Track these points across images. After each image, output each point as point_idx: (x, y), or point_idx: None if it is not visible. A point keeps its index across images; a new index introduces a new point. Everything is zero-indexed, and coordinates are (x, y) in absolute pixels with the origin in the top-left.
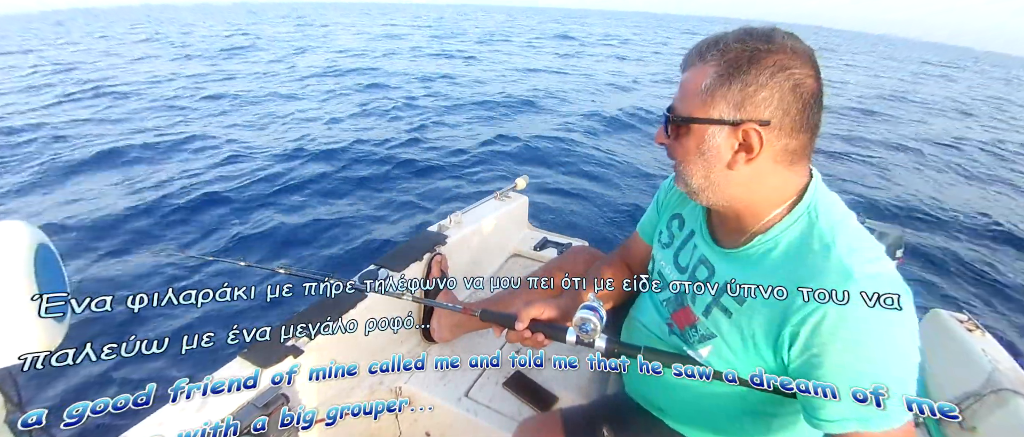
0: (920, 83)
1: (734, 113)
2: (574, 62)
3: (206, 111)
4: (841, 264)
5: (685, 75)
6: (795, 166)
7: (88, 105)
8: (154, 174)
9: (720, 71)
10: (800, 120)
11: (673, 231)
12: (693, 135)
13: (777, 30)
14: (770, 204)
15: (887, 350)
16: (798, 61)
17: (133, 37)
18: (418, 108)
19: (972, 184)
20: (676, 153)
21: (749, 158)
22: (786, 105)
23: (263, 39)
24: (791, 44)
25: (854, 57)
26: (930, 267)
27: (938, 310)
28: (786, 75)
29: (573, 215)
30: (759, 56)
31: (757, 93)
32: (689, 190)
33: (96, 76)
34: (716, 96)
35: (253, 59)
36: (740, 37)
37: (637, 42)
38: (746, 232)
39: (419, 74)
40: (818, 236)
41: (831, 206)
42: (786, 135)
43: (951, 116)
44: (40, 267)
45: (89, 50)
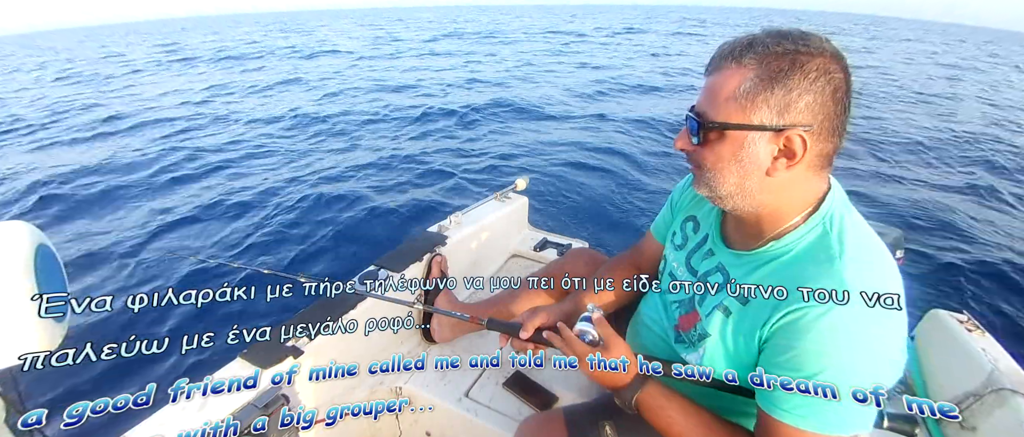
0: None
1: (778, 119)
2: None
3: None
4: (839, 276)
5: (714, 78)
6: (824, 170)
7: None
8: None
9: (761, 75)
10: (837, 124)
11: (687, 233)
12: (729, 141)
13: (811, 33)
14: (793, 210)
15: (858, 356)
16: (836, 64)
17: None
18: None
19: (974, 180)
20: (706, 159)
21: (790, 164)
22: (827, 109)
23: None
24: (829, 47)
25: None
26: (930, 267)
27: (938, 310)
28: (828, 79)
29: (574, 215)
30: (802, 60)
31: (801, 98)
32: (715, 196)
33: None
34: (757, 101)
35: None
36: (777, 39)
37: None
38: (763, 237)
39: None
40: (827, 247)
41: (847, 219)
42: (824, 139)
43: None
44: (40, 267)
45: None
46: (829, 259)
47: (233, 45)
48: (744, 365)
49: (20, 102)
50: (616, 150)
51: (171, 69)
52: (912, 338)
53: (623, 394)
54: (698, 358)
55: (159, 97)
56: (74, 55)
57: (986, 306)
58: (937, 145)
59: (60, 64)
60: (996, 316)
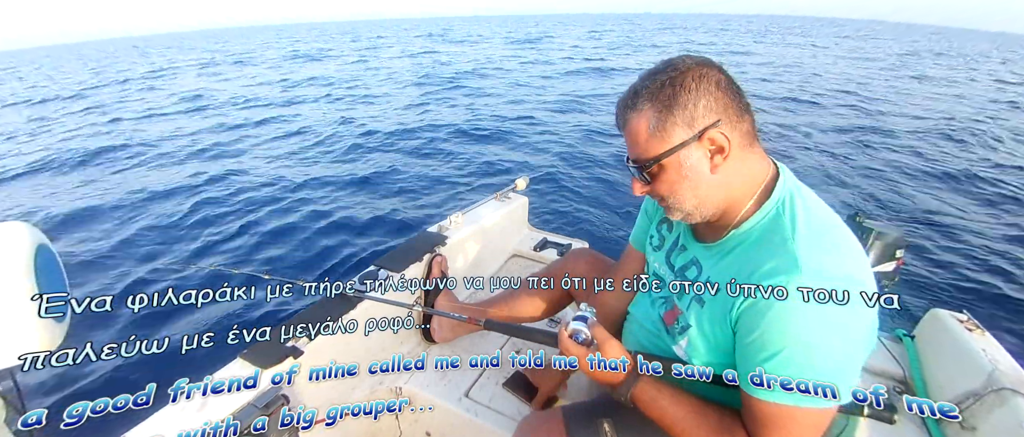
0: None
1: (690, 130)
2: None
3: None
4: (793, 256)
5: (627, 129)
6: (754, 147)
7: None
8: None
9: (657, 108)
10: (737, 106)
11: (663, 234)
12: (668, 168)
13: (673, 57)
14: (745, 194)
15: (816, 329)
16: (705, 67)
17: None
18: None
19: (975, 181)
20: (661, 190)
21: (725, 156)
22: (721, 100)
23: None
24: (691, 60)
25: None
26: (931, 267)
27: (938, 310)
28: (706, 80)
29: (575, 215)
30: (678, 79)
31: (697, 105)
32: (684, 215)
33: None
34: (668, 127)
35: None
36: (652, 77)
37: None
38: (726, 227)
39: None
40: (780, 229)
41: (797, 199)
42: (736, 121)
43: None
44: (40, 267)
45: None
46: (783, 239)
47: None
48: (724, 351)
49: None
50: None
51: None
52: (912, 337)
53: (619, 390)
54: (684, 348)
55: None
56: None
57: (986, 306)
58: (937, 145)
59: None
60: (996, 316)
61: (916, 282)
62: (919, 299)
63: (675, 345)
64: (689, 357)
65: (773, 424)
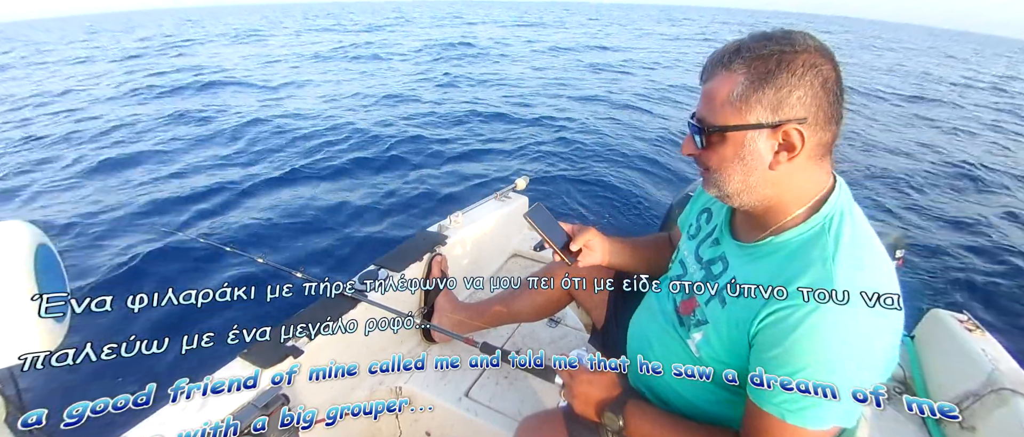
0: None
1: (772, 115)
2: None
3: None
4: (829, 275)
5: (708, 85)
6: (824, 160)
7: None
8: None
9: (751, 77)
10: (831, 113)
11: (701, 223)
12: (730, 142)
13: (795, 31)
14: (797, 202)
15: (841, 356)
16: (822, 58)
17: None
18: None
19: (977, 182)
20: (710, 161)
21: (791, 156)
22: (819, 101)
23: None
24: (813, 43)
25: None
26: (931, 267)
27: (938, 310)
28: (815, 72)
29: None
30: (788, 58)
31: (791, 94)
32: (723, 194)
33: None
34: (751, 101)
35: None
36: (762, 41)
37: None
38: (767, 228)
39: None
40: (822, 246)
41: (847, 219)
42: (821, 129)
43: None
44: (40, 267)
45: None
46: (822, 258)
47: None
48: (738, 355)
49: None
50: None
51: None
52: (912, 338)
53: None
54: (697, 341)
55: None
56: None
57: (986, 306)
58: (937, 144)
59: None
60: (996, 316)
61: (916, 282)
62: (919, 299)
63: (688, 337)
64: (701, 352)
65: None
